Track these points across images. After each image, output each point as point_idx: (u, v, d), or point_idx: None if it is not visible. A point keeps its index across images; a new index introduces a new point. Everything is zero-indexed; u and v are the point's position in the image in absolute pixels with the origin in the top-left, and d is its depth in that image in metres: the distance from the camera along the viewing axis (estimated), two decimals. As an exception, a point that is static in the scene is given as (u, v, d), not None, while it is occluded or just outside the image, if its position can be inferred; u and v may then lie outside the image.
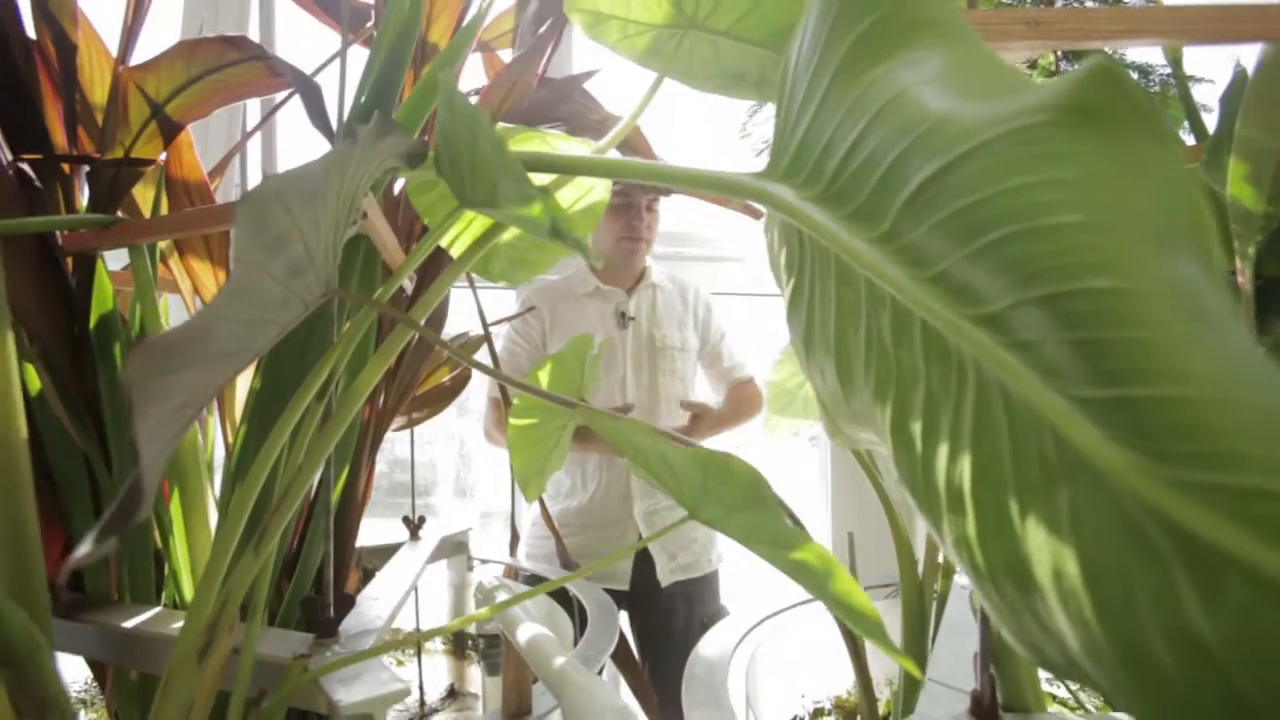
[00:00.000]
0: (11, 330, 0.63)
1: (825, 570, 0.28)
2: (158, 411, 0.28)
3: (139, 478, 0.26)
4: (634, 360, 1.40)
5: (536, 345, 1.39)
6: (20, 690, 0.35)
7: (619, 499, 1.35)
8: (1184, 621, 0.17)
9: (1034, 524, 0.22)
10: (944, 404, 0.27)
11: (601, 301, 1.40)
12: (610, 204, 1.37)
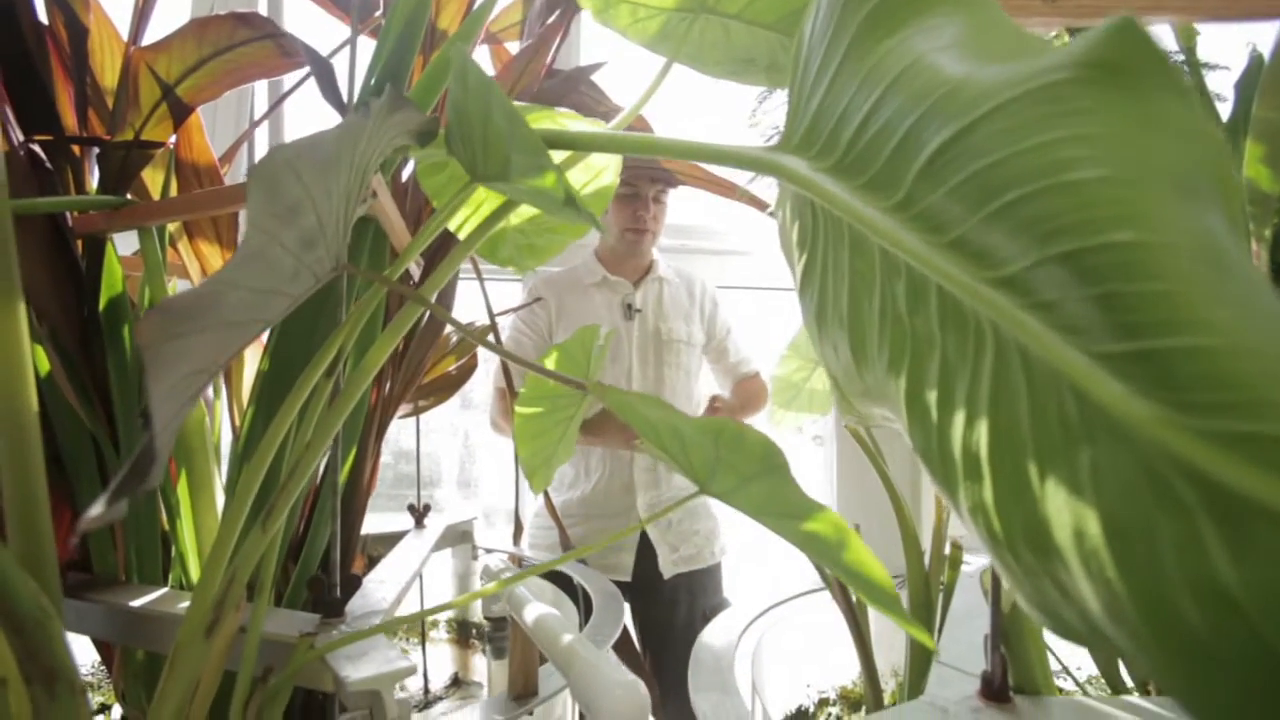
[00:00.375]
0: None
1: (839, 540, 0.28)
2: (170, 376, 0.27)
3: (152, 440, 0.26)
4: (640, 352, 1.40)
5: (543, 335, 1.39)
6: (29, 659, 0.35)
7: (622, 490, 1.35)
8: (1210, 573, 0.17)
9: (1054, 486, 0.22)
10: (960, 371, 0.27)
11: (609, 292, 1.40)
12: (617, 194, 1.37)
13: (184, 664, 0.42)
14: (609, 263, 1.41)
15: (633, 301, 1.39)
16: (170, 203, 0.60)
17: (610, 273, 1.40)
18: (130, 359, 0.64)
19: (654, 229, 1.35)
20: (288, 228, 0.32)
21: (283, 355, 0.59)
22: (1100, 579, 0.20)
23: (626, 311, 1.39)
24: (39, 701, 0.36)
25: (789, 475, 0.29)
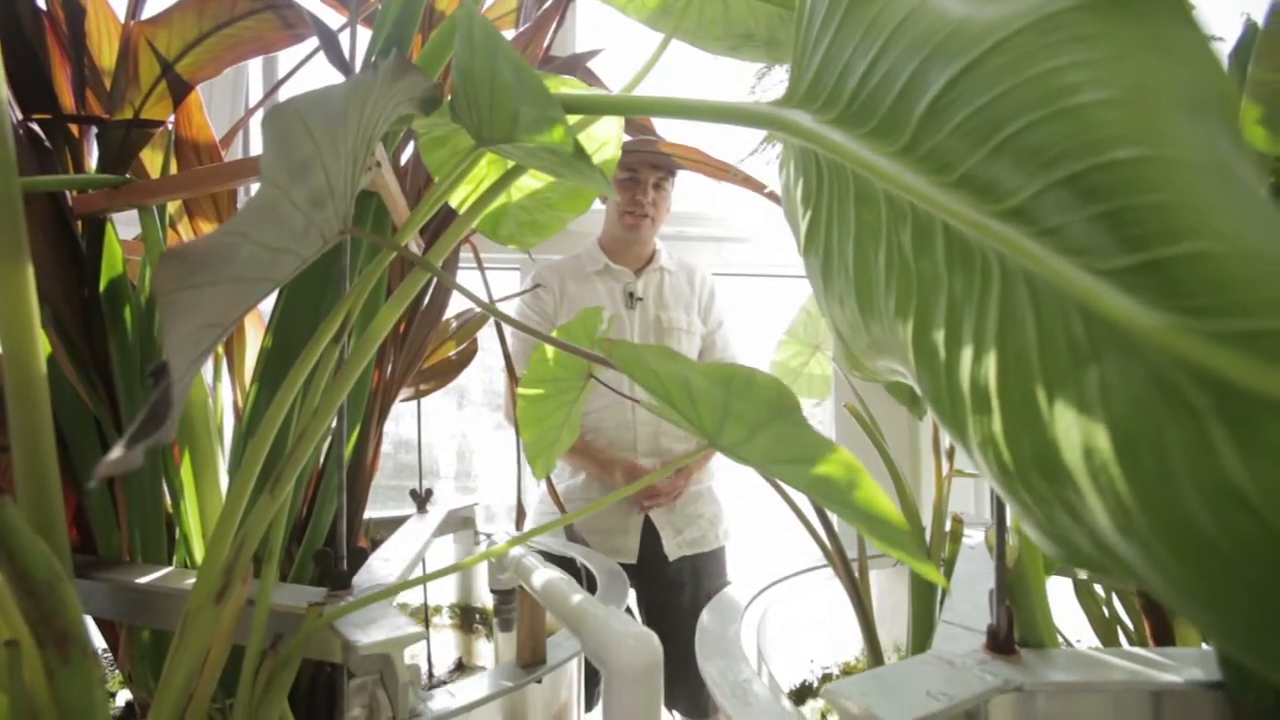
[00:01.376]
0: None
1: (849, 480, 0.28)
2: (185, 325, 0.28)
3: (169, 387, 0.26)
4: (641, 340, 1.40)
5: (549, 318, 1.39)
6: (42, 622, 0.36)
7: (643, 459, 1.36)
8: (1220, 473, 0.17)
9: (1062, 409, 0.22)
10: (967, 309, 0.27)
11: (611, 280, 1.40)
12: (617, 180, 1.37)
13: (195, 631, 0.42)
14: (611, 251, 1.41)
15: (635, 290, 1.40)
16: (171, 180, 0.60)
17: (613, 261, 1.40)
18: (132, 340, 0.64)
19: (653, 215, 1.35)
20: (298, 183, 0.32)
21: (287, 331, 0.59)
22: (1110, 494, 0.20)
23: (628, 300, 1.39)
24: (51, 665, 0.36)
25: (800, 416, 0.29)
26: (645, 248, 1.42)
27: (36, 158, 0.60)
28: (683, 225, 1.61)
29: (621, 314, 1.39)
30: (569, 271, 1.40)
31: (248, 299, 0.32)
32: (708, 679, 0.47)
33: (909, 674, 0.37)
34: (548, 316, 1.39)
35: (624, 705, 0.31)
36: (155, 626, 0.58)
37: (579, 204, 0.63)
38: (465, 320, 0.97)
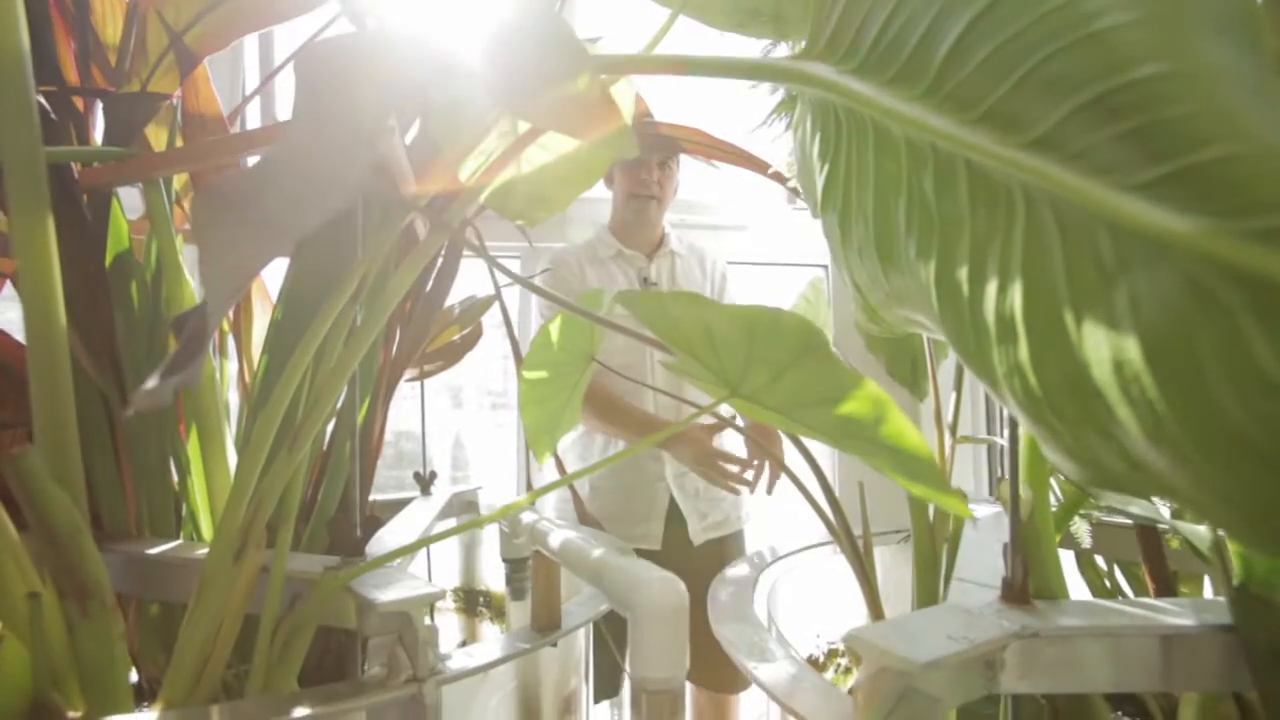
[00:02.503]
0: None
1: (876, 415, 0.29)
2: (220, 260, 0.28)
3: (204, 322, 0.27)
4: None
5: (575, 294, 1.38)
6: (63, 573, 0.35)
7: (650, 458, 1.35)
8: (1253, 366, 0.18)
9: (1091, 329, 0.23)
10: (991, 244, 0.27)
11: (625, 265, 1.41)
12: (621, 163, 1.37)
13: (212, 592, 0.42)
14: (622, 235, 1.42)
15: (648, 274, 1.40)
16: (179, 152, 0.60)
17: (624, 246, 1.41)
18: (139, 316, 0.64)
19: (659, 195, 1.36)
20: (325, 127, 0.32)
21: (296, 302, 0.59)
22: (1142, 404, 0.21)
23: (643, 284, 1.39)
24: (72, 617, 0.36)
25: (828, 351, 0.30)
26: (654, 231, 1.42)
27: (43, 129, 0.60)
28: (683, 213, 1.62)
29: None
30: (585, 257, 1.40)
31: (273, 245, 0.32)
32: (723, 641, 0.48)
33: (928, 621, 0.37)
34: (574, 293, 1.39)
35: (653, 645, 0.32)
36: (165, 599, 0.57)
37: (589, 177, 0.63)
38: (468, 305, 0.97)
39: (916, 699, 0.33)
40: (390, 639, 0.42)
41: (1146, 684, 0.40)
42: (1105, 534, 0.74)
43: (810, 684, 0.41)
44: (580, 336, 0.92)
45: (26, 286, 0.36)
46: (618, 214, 1.42)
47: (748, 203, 1.66)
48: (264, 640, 0.44)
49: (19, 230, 0.36)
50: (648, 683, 0.32)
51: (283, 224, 0.33)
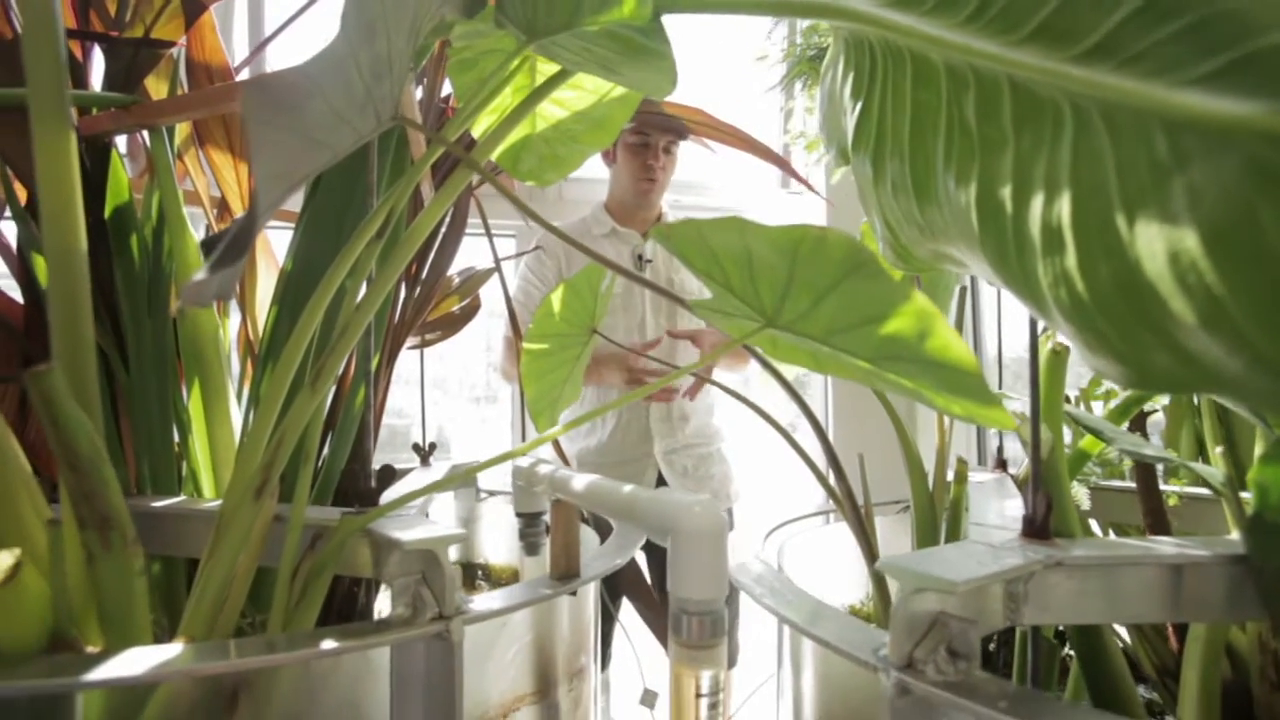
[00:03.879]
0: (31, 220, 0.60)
1: (921, 330, 0.29)
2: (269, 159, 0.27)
3: (253, 217, 0.26)
4: (653, 303, 1.41)
5: (552, 285, 1.39)
6: (84, 501, 0.35)
7: (638, 437, 1.36)
8: (1318, 237, 0.19)
9: (1144, 226, 0.23)
10: (1036, 160, 0.28)
11: (619, 243, 1.41)
12: (627, 143, 1.38)
13: (232, 531, 0.41)
14: (618, 214, 1.42)
15: (643, 252, 1.40)
16: (183, 99, 0.59)
17: (619, 224, 1.41)
18: (139, 270, 0.62)
19: (662, 179, 1.36)
20: (365, 46, 0.32)
21: (308, 253, 0.58)
22: (1199, 290, 0.22)
23: (637, 262, 1.40)
24: (92, 548, 0.35)
25: (877, 267, 0.30)
26: (652, 211, 1.43)
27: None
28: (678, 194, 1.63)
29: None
30: (576, 235, 1.40)
31: (312, 160, 0.32)
32: (741, 585, 0.48)
33: (956, 552, 0.38)
34: (552, 284, 1.39)
35: (695, 567, 0.32)
36: (169, 553, 0.56)
37: (602, 137, 0.63)
38: (468, 276, 0.97)
39: (951, 622, 0.34)
40: (414, 579, 0.41)
41: (1160, 615, 0.41)
42: (1102, 498, 0.76)
43: (829, 616, 0.41)
44: (582, 308, 0.92)
45: (47, 205, 0.35)
46: (618, 194, 1.42)
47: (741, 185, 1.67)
48: (283, 583, 0.43)
49: (42, 149, 0.35)
50: (689, 604, 0.32)
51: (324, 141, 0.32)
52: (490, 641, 0.49)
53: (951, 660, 0.33)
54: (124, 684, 0.31)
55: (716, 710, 0.33)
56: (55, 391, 0.32)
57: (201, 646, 0.35)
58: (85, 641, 0.37)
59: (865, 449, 0.96)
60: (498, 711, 0.49)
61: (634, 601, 0.94)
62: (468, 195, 0.76)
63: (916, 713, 0.34)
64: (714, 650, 0.32)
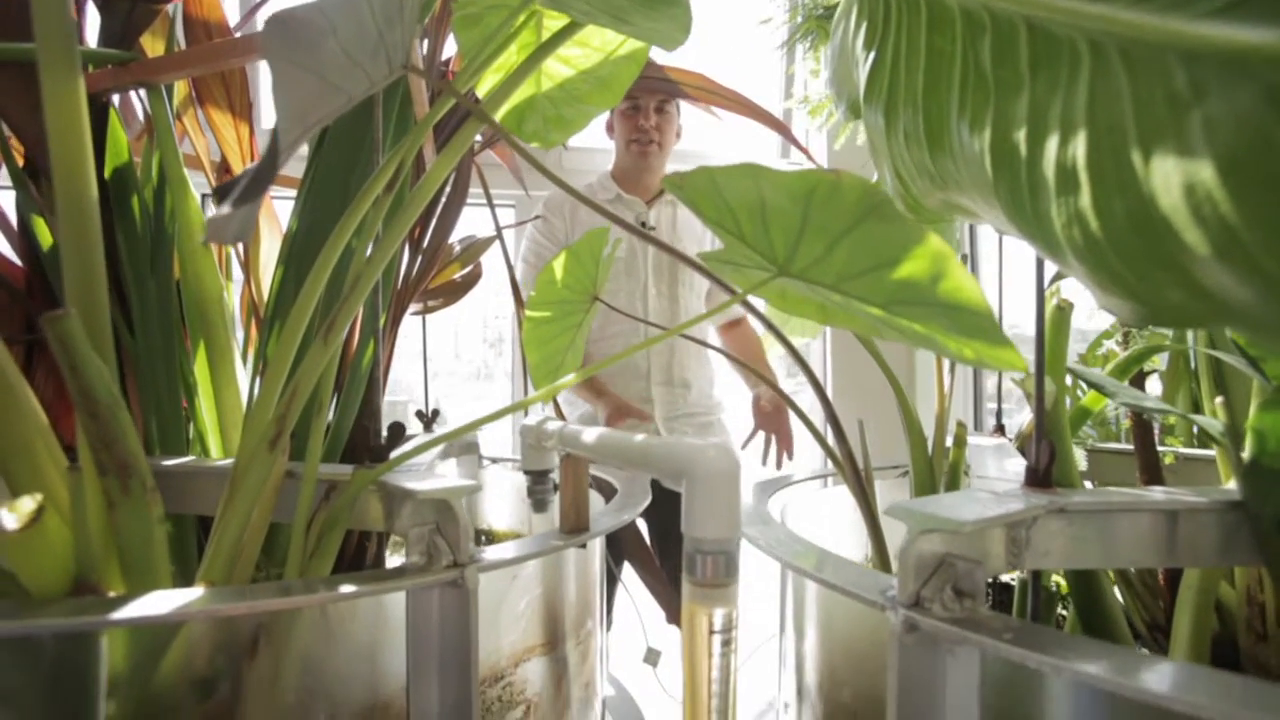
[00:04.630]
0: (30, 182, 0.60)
1: (934, 272, 0.29)
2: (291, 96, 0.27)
3: (275, 152, 0.26)
4: (655, 271, 1.41)
5: (562, 244, 1.39)
6: (105, 448, 0.35)
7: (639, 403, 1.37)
8: (1334, 160, 0.19)
9: (1159, 160, 0.24)
10: (1052, 101, 0.28)
11: (623, 209, 1.40)
12: (619, 111, 1.37)
13: (247, 480, 0.41)
14: (623, 181, 1.41)
15: (647, 220, 1.40)
16: (183, 55, 0.58)
17: (625, 192, 1.40)
18: (141, 231, 0.62)
19: (660, 140, 1.35)
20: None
21: (314, 211, 0.58)
22: (1213, 221, 0.22)
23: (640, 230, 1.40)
24: (113, 495, 0.36)
25: (892, 210, 0.31)
26: (655, 177, 1.42)
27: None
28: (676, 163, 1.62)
29: (634, 244, 1.39)
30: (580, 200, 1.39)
31: (328, 103, 0.32)
32: (747, 537, 0.49)
33: (958, 498, 0.39)
34: (561, 244, 1.39)
35: (710, 507, 0.33)
36: (181, 511, 0.56)
37: (607, 96, 0.63)
38: (469, 244, 0.96)
39: (958, 563, 0.34)
40: (428, 529, 0.42)
41: (1156, 560, 0.42)
42: (1098, 460, 0.77)
43: (835, 563, 0.42)
44: (584, 275, 0.92)
45: (59, 151, 0.35)
46: (620, 161, 1.42)
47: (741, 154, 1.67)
48: (298, 535, 0.44)
49: (51, 93, 0.35)
50: (704, 544, 0.33)
51: (339, 84, 0.32)
52: (502, 593, 0.50)
53: (958, 599, 0.34)
54: (148, 623, 0.32)
55: (730, 647, 0.34)
56: (73, 336, 0.32)
57: (221, 590, 0.36)
58: (107, 587, 0.37)
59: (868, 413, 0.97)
60: (509, 661, 0.51)
61: (636, 566, 0.95)
62: (469, 161, 0.76)
63: (923, 648, 0.35)
64: (728, 589, 0.33)
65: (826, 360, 1.62)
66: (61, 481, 0.37)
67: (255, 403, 0.42)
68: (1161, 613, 0.62)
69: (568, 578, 0.55)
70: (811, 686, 0.55)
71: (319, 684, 0.40)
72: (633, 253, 1.39)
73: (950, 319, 0.30)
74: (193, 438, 0.65)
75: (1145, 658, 0.29)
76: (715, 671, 0.34)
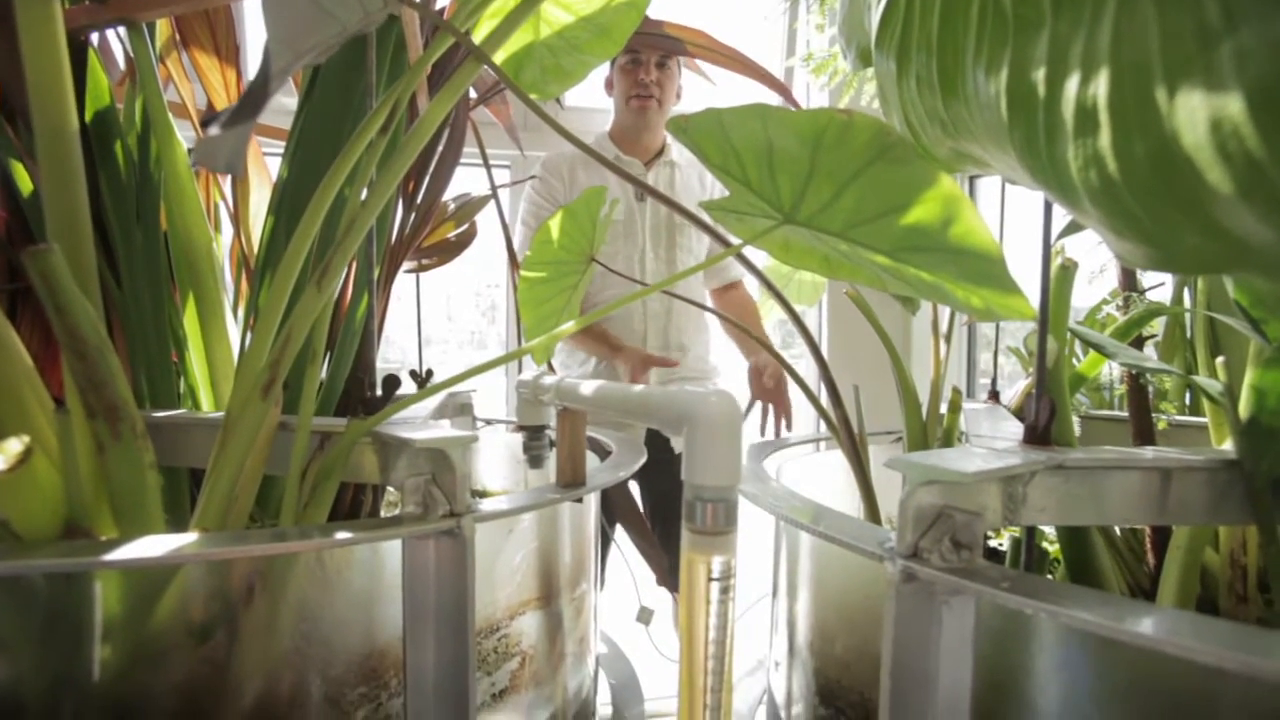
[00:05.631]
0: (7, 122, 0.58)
1: (945, 216, 0.29)
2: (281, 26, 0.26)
3: (266, 78, 0.25)
4: (653, 234, 1.39)
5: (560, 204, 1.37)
6: (93, 390, 0.34)
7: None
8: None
9: (1185, 96, 0.23)
10: (1074, 40, 0.27)
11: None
12: (619, 65, 1.34)
13: (240, 428, 0.41)
14: (621, 142, 1.39)
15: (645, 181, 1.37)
16: (167, -7, 0.55)
17: (623, 152, 1.38)
18: (125, 179, 0.60)
19: (659, 96, 1.33)
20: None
21: (304, 159, 0.56)
22: (1238, 157, 0.22)
23: (638, 192, 1.37)
24: (102, 438, 0.35)
25: (904, 151, 0.30)
26: (655, 137, 1.39)
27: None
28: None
29: (633, 205, 1.37)
30: (579, 160, 1.37)
31: (321, 29, 0.30)
32: (748, 497, 0.49)
33: (958, 453, 0.39)
34: (559, 204, 1.37)
35: (711, 454, 0.32)
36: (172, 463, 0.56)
37: (607, 46, 0.61)
38: (464, 202, 0.94)
39: (956, 514, 0.35)
40: (425, 479, 0.42)
41: (1148, 517, 0.43)
42: (1091, 427, 0.78)
43: (832, 517, 0.43)
44: (581, 235, 0.91)
45: (35, 81, 0.33)
46: (619, 120, 1.39)
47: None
48: (292, 484, 0.44)
49: (26, 24, 0.33)
50: (705, 491, 0.32)
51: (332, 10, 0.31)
52: (498, 546, 0.50)
53: (955, 550, 0.34)
54: (142, 566, 0.32)
55: (728, 594, 0.34)
56: (57, 272, 0.31)
57: (216, 534, 0.35)
58: (99, 532, 0.37)
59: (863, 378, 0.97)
60: (505, 614, 0.51)
61: (628, 529, 0.96)
62: (465, 113, 0.74)
63: (920, 598, 0.35)
64: (727, 537, 0.33)
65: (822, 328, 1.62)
66: (49, 425, 0.36)
67: (248, 350, 0.41)
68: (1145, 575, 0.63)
69: (563, 531, 0.55)
70: (803, 643, 0.56)
71: (315, 631, 0.40)
72: (630, 215, 1.37)
73: (959, 265, 0.29)
74: (183, 392, 0.64)
75: (1142, 605, 0.29)
76: (713, 618, 0.34)
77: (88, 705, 0.35)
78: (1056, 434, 0.44)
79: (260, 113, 0.25)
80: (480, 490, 1.00)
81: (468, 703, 0.42)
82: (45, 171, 0.34)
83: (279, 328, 0.41)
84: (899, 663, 0.36)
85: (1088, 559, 0.48)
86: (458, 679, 0.41)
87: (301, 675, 0.40)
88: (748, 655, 1.19)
